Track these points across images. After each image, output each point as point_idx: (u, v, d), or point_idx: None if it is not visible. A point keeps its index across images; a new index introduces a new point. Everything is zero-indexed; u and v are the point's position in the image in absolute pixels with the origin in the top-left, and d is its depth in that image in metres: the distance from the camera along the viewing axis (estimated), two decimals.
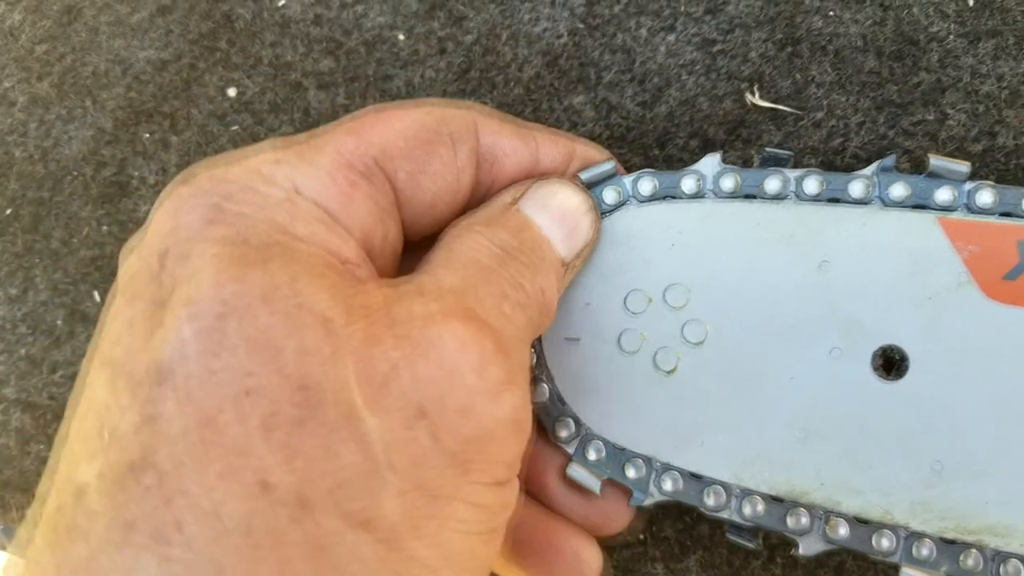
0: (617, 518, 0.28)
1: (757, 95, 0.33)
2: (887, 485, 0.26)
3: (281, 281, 0.20)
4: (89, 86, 0.38)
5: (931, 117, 0.31)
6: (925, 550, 0.25)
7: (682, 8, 0.34)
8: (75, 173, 0.38)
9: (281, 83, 0.37)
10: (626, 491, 0.28)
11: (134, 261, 0.22)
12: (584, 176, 0.28)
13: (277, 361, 0.19)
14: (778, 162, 0.28)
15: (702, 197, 0.28)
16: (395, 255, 0.26)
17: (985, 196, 0.26)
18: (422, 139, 0.25)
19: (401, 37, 0.36)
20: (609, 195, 0.28)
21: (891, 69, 0.32)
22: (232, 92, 0.37)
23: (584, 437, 0.28)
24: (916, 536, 0.25)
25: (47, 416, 0.37)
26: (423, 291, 0.22)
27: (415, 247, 0.26)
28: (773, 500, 0.26)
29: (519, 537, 0.27)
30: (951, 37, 0.32)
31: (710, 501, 0.27)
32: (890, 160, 0.27)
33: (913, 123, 0.32)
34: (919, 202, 0.27)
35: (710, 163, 0.28)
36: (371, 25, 0.36)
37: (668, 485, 0.27)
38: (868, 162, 0.32)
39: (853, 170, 0.32)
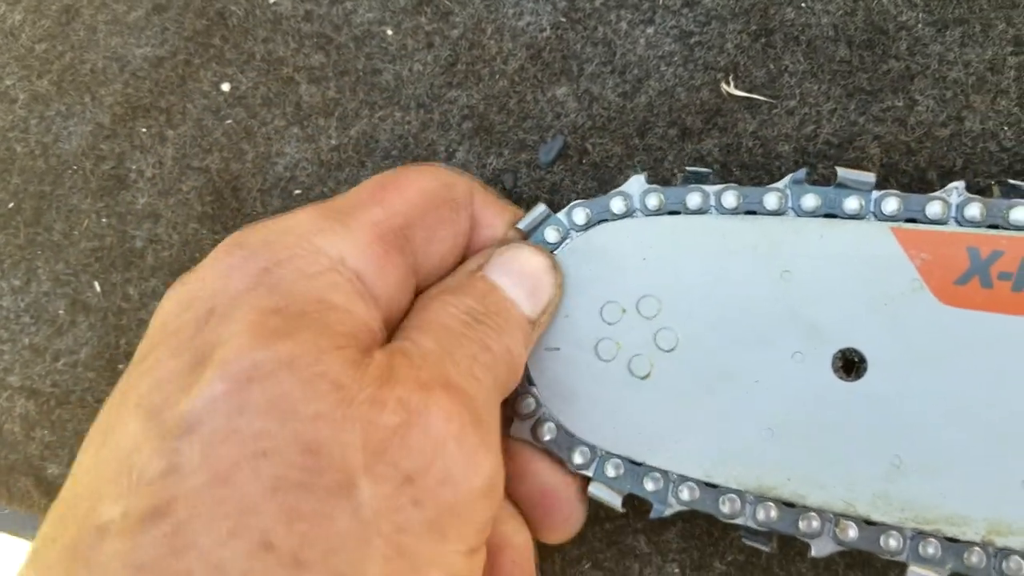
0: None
1: (732, 85, 0.34)
2: (849, 479, 0.27)
3: (306, 350, 0.21)
4: (88, 83, 0.39)
5: (900, 103, 0.33)
6: (931, 549, 0.26)
7: (660, 1, 0.35)
8: (75, 167, 0.39)
9: (273, 78, 0.38)
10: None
11: (182, 309, 0.23)
12: (522, 225, 0.30)
13: (292, 425, 0.21)
14: (699, 179, 0.30)
15: (632, 215, 0.29)
16: (402, 318, 0.27)
17: (891, 204, 0.27)
18: (434, 205, 0.27)
19: (389, 32, 0.37)
20: (551, 234, 0.30)
21: (861, 58, 0.33)
22: (226, 87, 0.38)
23: (602, 458, 0.29)
24: (921, 536, 0.26)
25: (50, 403, 0.38)
26: (408, 355, 0.23)
27: None
28: (785, 506, 0.27)
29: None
30: (919, 26, 0.33)
31: (725, 508, 0.28)
32: (801, 173, 0.29)
33: (883, 109, 0.33)
34: (829, 211, 0.28)
35: (636, 184, 0.30)
36: (360, 21, 0.37)
37: (685, 495, 0.28)
38: (840, 148, 0.34)
39: (826, 156, 0.33)
